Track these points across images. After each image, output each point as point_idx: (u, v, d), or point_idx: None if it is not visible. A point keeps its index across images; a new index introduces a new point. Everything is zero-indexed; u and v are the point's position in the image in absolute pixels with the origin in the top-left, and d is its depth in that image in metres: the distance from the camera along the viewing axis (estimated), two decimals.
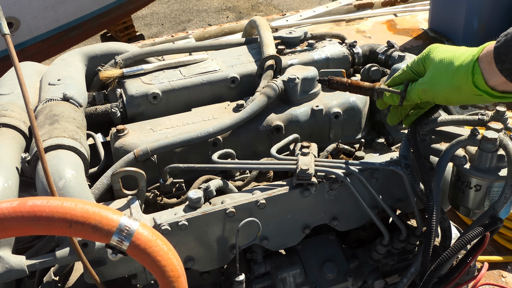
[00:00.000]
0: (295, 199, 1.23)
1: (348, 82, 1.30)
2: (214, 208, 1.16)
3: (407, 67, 1.25)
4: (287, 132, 1.39)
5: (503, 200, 1.18)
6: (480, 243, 1.25)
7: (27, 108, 0.97)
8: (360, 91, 1.29)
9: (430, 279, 1.23)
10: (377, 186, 1.28)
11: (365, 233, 1.54)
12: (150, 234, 0.85)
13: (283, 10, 7.81)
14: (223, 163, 1.26)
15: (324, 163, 1.24)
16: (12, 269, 1.00)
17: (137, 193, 1.18)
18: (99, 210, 0.81)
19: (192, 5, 8.16)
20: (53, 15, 5.21)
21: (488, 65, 1.07)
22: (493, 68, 1.05)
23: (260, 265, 1.33)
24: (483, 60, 1.08)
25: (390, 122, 1.32)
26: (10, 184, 1.09)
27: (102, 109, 1.45)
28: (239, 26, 4.48)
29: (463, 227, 2.32)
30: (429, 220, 1.19)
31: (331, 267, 1.38)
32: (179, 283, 0.88)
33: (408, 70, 1.25)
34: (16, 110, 1.31)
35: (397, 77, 1.28)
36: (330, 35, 1.73)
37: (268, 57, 1.49)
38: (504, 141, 1.18)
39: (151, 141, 1.28)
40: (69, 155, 1.14)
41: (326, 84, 1.31)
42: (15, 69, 0.97)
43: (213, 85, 1.50)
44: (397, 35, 4.44)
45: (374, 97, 1.29)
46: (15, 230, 0.78)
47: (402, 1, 5.01)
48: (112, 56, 1.60)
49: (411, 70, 1.24)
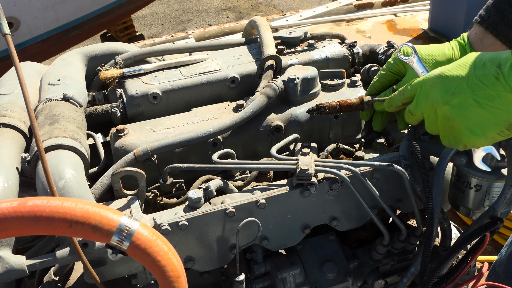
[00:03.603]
0: (295, 199, 1.24)
1: (339, 104, 1.31)
2: (214, 208, 1.16)
3: (384, 69, 1.27)
4: (287, 132, 1.39)
5: (503, 200, 1.18)
6: (480, 243, 1.26)
7: (27, 108, 0.97)
8: (351, 108, 1.33)
9: (430, 279, 1.23)
10: (377, 186, 1.28)
11: (365, 233, 1.54)
12: (150, 234, 0.85)
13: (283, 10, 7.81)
14: (223, 163, 1.26)
15: (324, 163, 1.24)
16: (12, 269, 1.00)
17: (137, 193, 1.18)
18: (99, 210, 0.81)
19: (192, 5, 8.16)
20: (53, 15, 5.21)
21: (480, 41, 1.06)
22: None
23: (260, 265, 1.33)
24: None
25: (375, 128, 1.35)
26: (10, 184, 1.09)
27: (102, 109, 1.45)
28: (239, 26, 4.48)
29: (463, 227, 2.32)
30: (429, 220, 1.19)
31: (331, 267, 1.38)
32: (179, 283, 0.88)
33: (387, 72, 1.27)
34: (16, 110, 1.31)
35: (376, 81, 1.30)
36: (330, 35, 1.73)
37: (268, 57, 1.49)
38: (504, 141, 1.18)
39: (151, 141, 1.28)
40: (69, 155, 1.14)
41: (317, 112, 1.32)
42: (15, 69, 0.96)
43: (213, 85, 1.50)
44: (397, 35, 4.44)
45: (365, 109, 1.32)
46: (15, 230, 0.78)
47: (402, 1, 5.01)
48: (112, 56, 1.60)
49: (390, 71, 1.26)
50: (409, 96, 1.14)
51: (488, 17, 1.24)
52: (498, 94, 0.95)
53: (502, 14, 1.22)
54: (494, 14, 1.23)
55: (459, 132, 1.03)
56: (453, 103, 1.01)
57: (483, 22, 1.25)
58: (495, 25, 1.23)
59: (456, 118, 1.01)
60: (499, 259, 1.73)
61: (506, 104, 0.95)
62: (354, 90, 1.47)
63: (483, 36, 1.25)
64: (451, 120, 1.02)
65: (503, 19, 1.22)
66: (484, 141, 1.02)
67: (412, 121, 1.17)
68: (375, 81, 1.30)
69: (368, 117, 1.37)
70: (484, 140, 1.02)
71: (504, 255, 1.70)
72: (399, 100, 1.18)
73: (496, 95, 0.95)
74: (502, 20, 1.22)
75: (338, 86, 1.48)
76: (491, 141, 1.03)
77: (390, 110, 1.25)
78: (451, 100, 1.01)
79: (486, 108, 0.97)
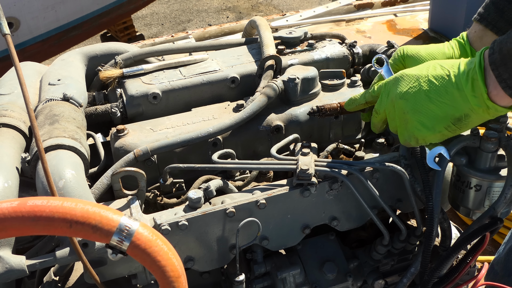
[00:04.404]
0: (295, 199, 1.24)
1: (339, 106, 1.32)
2: (214, 208, 1.16)
3: (380, 77, 1.29)
4: (287, 132, 1.39)
5: (503, 200, 1.18)
6: (480, 243, 1.26)
7: (27, 108, 0.97)
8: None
9: (430, 279, 1.23)
10: (377, 186, 1.28)
11: (365, 233, 1.54)
12: (150, 234, 0.85)
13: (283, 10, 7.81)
14: (223, 163, 1.26)
15: (324, 163, 1.24)
16: (12, 269, 1.00)
17: (137, 193, 1.18)
18: (99, 210, 0.81)
19: (192, 5, 8.16)
20: (53, 15, 5.21)
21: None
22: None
23: (260, 265, 1.33)
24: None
25: (374, 129, 1.35)
26: (10, 184, 1.09)
27: (102, 109, 1.45)
28: (239, 26, 4.48)
29: (463, 227, 2.32)
30: (429, 220, 1.19)
31: (331, 267, 1.38)
32: (179, 283, 0.88)
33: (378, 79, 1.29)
34: (16, 110, 1.31)
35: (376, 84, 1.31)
36: (330, 35, 1.73)
37: (268, 57, 1.49)
38: (504, 141, 1.18)
39: (151, 141, 1.28)
40: (69, 155, 1.14)
41: (318, 114, 1.32)
42: (15, 69, 0.96)
43: (213, 85, 1.50)
44: (397, 35, 4.44)
45: (366, 110, 1.33)
46: (15, 230, 0.78)
47: (402, 1, 5.01)
48: (112, 56, 1.60)
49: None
50: (374, 95, 1.21)
51: (487, 15, 1.24)
52: (446, 90, 1.05)
53: (501, 11, 1.22)
54: (493, 12, 1.23)
55: (412, 125, 1.11)
56: (407, 97, 1.10)
57: (482, 20, 1.25)
58: (495, 23, 1.23)
59: (410, 111, 1.10)
60: (497, 257, 1.73)
61: (453, 99, 1.04)
62: (354, 90, 1.47)
63: (483, 34, 1.25)
64: (406, 113, 1.11)
65: (503, 16, 1.22)
66: (433, 134, 1.10)
67: (377, 120, 1.23)
68: (374, 82, 1.30)
69: (369, 118, 1.37)
70: (433, 133, 1.10)
71: (502, 253, 1.70)
72: (363, 99, 1.25)
73: (444, 91, 1.05)
74: (501, 17, 1.22)
75: (338, 86, 1.48)
76: (439, 136, 1.11)
77: (349, 109, 1.30)
78: (406, 95, 1.10)
79: (435, 103, 1.07)
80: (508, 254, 1.67)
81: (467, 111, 1.04)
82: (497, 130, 1.18)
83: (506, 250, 1.69)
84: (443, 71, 1.07)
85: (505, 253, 1.69)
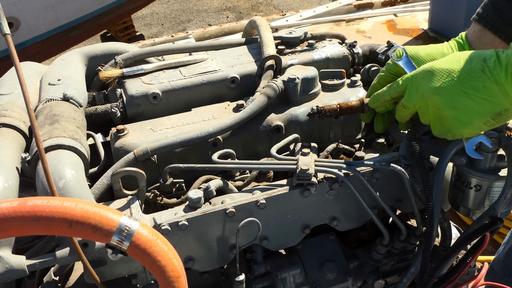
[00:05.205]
0: (295, 199, 1.24)
1: (339, 107, 1.31)
2: (214, 208, 1.16)
3: (384, 71, 1.28)
4: (287, 132, 1.39)
5: (503, 200, 1.18)
6: (480, 243, 1.26)
7: (27, 108, 0.97)
8: (351, 111, 1.33)
9: (430, 279, 1.23)
10: (377, 186, 1.28)
11: (365, 233, 1.54)
12: (150, 234, 0.85)
13: (283, 10, 7.81)
14: (223, 163, 1.26)
15: (324, 163, 1.24)
16: (12, 269, 1.00)
17: (137, 193, 1.18)
18: (99, 210, 0.81)
19: (192, 5, 8.17)
20: (53, 15, 5.21)
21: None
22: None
23: (260, 265, 1.33)
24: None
25: (377, 129, 1.35)
26: (10, 184, 1.09)
27: (102, 109, 1.45)
28: (239, 26, 4.48)
29: (463, 227, 2.32)
30: (429, 220, 1.19)
31: (331, 267, 1.38)
32: (179, 283, 0.88)
33: (387, 73, 1.27)
34: (16, 110, 1.31)
35: (376, 83, 1.30)
36: (330, 35, 1.73)
37: (268, 57, 1.49)
38: (504, 141, 1.18)
39: (151, 141, 1.28)
40: (69, 155, 1.14)
41: (318, 115, 1.32)
42: (15, 69, 0.96)
43: (213, 85, 1.50)
44: (397, 35, 4.44)
45: (366, 111, 1.32)
46: (15, 230, 0.78)
47: (402, 1, 5.01)
48: (112, 56, 1.60)
49: (389, 72, 1.27)
50: (400, 90, 1.18)
51: (486, 15, 1.24)
52: (484, 86, 1.02)
53: (500, 11, 1.22)
54: (492, 12, 1.23)
55: (448, 121, 1.09)
56: (442, 94, 1.07)
57: (481, 20, 1.25)
58: (493, 23, 1.23)
59: (446, 108, 1.07)
60: (497, 257, 1.73)
61: (492, 95, 1.01)
62: (354, 90, 1.47)
63: (482, 34, 1.25)
64: (441, 109, 1.08)
65: (501, 16, 1.22)
66: (471, 130, 1.08)
67: (405, 114, 1.20)
68: (375, 82, 1.30)
69: (369, 119, 1.37)
70: (471, 129, 1.08)
71: (502, 253, 1.70)
72: (388, 95, 1.21)
73: (483, 86, 1.02)
74: (500, 17, 1.22)
75: (338, 86, 1.48)
76: (477, 131, 1.09)
77: (374, 106, 1.27)
78: (441, 91, 1.07)
79: (473, 99, 1.04)
80: (507, 255, 1.67)
81: (508, 106, 1.01)
82: (497, 130, 1.18)
83: (506, 251, 1.69)
84: (477, 64, 1.03)
85: (504, 253, 1.69)
